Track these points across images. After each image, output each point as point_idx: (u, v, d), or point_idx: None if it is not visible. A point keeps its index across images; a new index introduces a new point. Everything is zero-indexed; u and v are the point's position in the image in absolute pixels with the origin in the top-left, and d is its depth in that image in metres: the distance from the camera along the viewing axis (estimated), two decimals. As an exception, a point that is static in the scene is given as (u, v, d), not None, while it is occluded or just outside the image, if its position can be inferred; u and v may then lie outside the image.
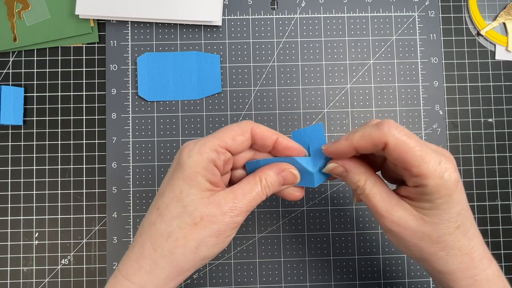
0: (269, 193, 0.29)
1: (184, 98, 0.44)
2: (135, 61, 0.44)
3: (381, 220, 0.28)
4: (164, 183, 0.29)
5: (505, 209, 0.44)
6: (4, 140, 0.43)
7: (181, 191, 0.27)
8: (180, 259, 0.27)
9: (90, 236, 0.43)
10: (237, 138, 0.28)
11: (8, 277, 0.42)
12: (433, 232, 0.27)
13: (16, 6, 0.44)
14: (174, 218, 0.27)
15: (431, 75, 0.45)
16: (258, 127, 0.29)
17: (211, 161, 0.28)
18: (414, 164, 0.25)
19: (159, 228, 0.27)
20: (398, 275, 0.43)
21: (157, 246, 0.27)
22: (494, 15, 0.46)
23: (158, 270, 0.27)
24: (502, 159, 0.44)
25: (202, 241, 0.27)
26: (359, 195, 0.29)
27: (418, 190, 0.26)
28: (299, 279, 0.43)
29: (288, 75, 0.44)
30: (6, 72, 0.44)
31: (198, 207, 0.27)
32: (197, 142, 0.28)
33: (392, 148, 0.25)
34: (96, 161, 0.43)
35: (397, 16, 0.45)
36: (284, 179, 0.30)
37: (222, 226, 0.27)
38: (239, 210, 0.28)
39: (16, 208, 0.43)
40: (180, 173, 0.27)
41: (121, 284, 0.27)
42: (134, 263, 0.28)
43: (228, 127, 0.29)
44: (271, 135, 0.30)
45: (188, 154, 0.28)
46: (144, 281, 0.27)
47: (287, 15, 0.45)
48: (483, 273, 0.27)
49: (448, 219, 0.26)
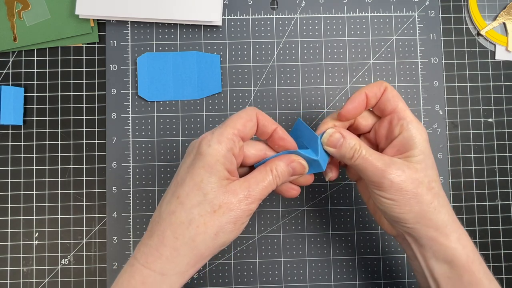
0: (279, 182, 0.31)
1: (184, 98, 0.44)
2: (135, 61, 0.44)
3: (383, 174, 0.29)
4: (182, 172, 0.30)
5: (505, 209, 0.44)
6: (4, 140, 0.43)
7: (201, 180, 0.28)
8: (200, 246, 0.28)
9: (90, 236, 0.43)
10: (247, 124, 0.30)
11: (8, 277, 0.42)
12: (425, 178, 0.30)
13: (16, 6, 0.44)
14: (194, 206, 0.28)
15: (431, 75, 0.45)
16: (261, 114, 0.31)
17: (230, 150, 0.29)
18: (403, 108, 0.31)
19: (179, 216, 0.28)
20: (398, 275, 0.43)
21: (178, 234, 0.28)
22: (494, 15, 0.46)
23: (180, 257, 0.28)
24: (502, 159, 0.44)
25: (220, 228, 0.28)
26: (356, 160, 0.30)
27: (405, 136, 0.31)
28: (299, 279, 0.43)
29: (288, 75, 0.44)
30: (6, 72, 0.44)
31: (217, 195, 0.28)
32: (213, 132, 0.29)
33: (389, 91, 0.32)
34: (96, 161, 0.43)
35: (397, 16, 0.45)
36: (293, 169, 0.31)
37: (239, 212, 0.28)
38: (253, 198, 0.29)
39: (16, 208, 0.43)
40: (201, 162, 0.28)
41: (140, 272, 0.28)
42: (154, 251, 0.28)
43: (237, 115, 0.30)
44: (272, 124, 0.32)
45: (207, 144, 0.29)
46: (165, 269, 0.28)
47: (287, 15, 0.45)
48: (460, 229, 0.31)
49: (431, 166, 0.31)
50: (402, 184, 0.29)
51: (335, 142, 0.31)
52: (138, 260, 0.28)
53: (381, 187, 0.30)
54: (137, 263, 0.28)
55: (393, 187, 0.29)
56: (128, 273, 0.29)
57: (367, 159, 0.30)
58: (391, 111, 0.32)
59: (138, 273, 0.28)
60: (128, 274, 0.29)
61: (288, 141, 0.32)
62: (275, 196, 0.43)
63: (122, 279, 0.29)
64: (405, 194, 0.29)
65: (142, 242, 0.29)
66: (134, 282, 0.28)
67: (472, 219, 0.44)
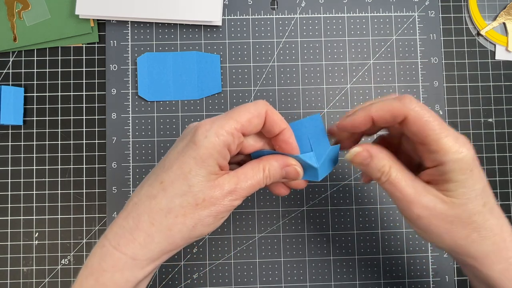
0: (269, 183, 0.29)
1: (184, 98, 0.44)
2: (135, 61, 0.44)
3: (410, 206, 0.27)
4: (172, 157, 0.28)
5: (505, 209, 0.44)
6: (4, 140, 0.43)
7: (190, 170, 0.27)
8: (176, 236, 0.27)
9: (90, 236, 0.43)
10: (254, 121, 0.28)
11: (8, 277, 0.42)
12: (463, 213, 0.26)
13: (16, 6, 0.44)
14: (177, 195, 0.27)
15: (431, 75, 0.45)
16: (272, 110, 0.28)
17: (226, 145, 0.27)
18: (434, 138, 0.25)
19: (160, 202, 0.27)
20: (398, 275, 0.43)
21: (155, 220, 0.27)
22: (494, 15, 0.46)
23: (153, 244, 0.27)
24: (502, 159, 0.44)
25: (199, 221, 0.27)
26: (383, 183, 0.28)
27: (439, 170, 0.26)
28: (299, 279, 0.43)
29: (288, 75, 0.44)
30: (6, 72, 0.44)
31: (203, 189, 0.27)
32: (214, 122, 0.27)
33: (411, 121, 0.25)
34: (96, 161, 0.43)
35: (397, 16, 0.45)
36: (287, 174, 0.29)
37: (221, 208, 0.27)
38: (239, 194, 0.28)
39: (16, 208, 0.43)
40: (193, 152, 0.27)
41: (111, 254, 0.27)
42: (128, 234, 0.27)
43: (245, 107, 0.28)
44: (281, 123, 0.29)
45: (204, 134, 0.27)
46: (137, 254, 0.27)
47: (287, 15, 0.45)
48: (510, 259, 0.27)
49: (475, 197, 0.26)
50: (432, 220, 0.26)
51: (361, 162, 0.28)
52: (110, 242, 0.27)
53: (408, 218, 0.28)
54: (108, 244, 0.27)
55: (421, 222, 0.27)
56: (98, 255, 0.27)
57: (395, 185, 0.27)
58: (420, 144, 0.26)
59: (109, 255, 0.27)
60: (98, 257, 0.27)
61: (292, 147, 0.29)
62: (275, 196, 0.43)
63: (92, 262, 0.28)
64: (435, 228, 0.27)
65: (115, 222, 0.28)
66: (104, 265, 0.27)
67: (472, 219, 0.44)
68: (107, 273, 0.27)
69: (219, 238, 0.43)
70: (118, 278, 0.27)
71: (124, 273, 0.27)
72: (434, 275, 0.43)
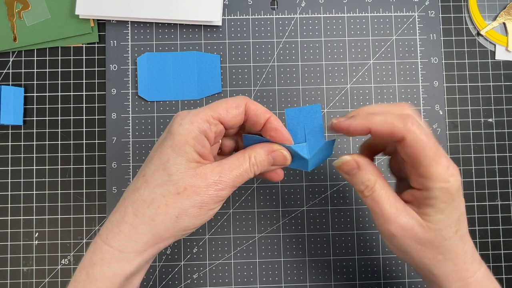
0: (257, 171, 0.29)
1: (184, 98, 0.44)
2: (135, 61, 0.44)
3: (386, 225, 0.27)
4: (153, 150, 0.29)
5: (505, 209, 0.44)
6: (4, 140, 0.43)
7: (168, 159, 0.27)
8: (159, 227, 0.27)
9: (90, 236, 0.43)
10: (231, 111, 0.28)
11: (8, 277, 0.42)
12: (436, 238, 0.27)
13: (16, 6, 0.44)
14: (158, 185, 0.27)
15: (431, 75, 0.45)
16: (253, 103, 0.29)
17: (202, 132, 0.27)
18: (425, 164, 0.26)
19: (143, 194, 0.28)
20: (398, 275, 0.43)
21: (138, 212, 0.27)
22: (494, 15, 0.46)
23: (138, 235, 0.27)
24: (502, 159, 0.44)
25: (183, 211, 0.27)
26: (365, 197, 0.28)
27: (424, 194, 0.27)
28: (299, 279, 0.43)
29: (288, 75, 0.44)
30: (6, 72, 0.44)
31: (183, 177, 0.27)
32: (189, 112, 0.28)
33: (409, 144, 0.26)
34: (96, 161, 0.43)
35: (397, 16, 0.45)
36: (274, 160, 0.29)
37: (206, 198, 0.27)
38: (224, 184, 0.28)
39: (16, 208, 0.43)
40: (169, 141, 0.28)
41: (100, 248, 0.28)
42: (115, 227, 0.28)
43: (223, 100, 0.29)
44: (264, 113, 0.29)
45: (179, 123, 0.28)
46: (123, 246, 0.27)
47: (287, 15, 0.45)
48: (474, 275, 0.28)
49: (449, 225, 0.27)
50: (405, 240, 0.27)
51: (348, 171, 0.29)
52: (100, 236, 0.28)
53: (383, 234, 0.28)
54: (99, 239, 0.28)
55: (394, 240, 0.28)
56: (91, 250, 0.28)
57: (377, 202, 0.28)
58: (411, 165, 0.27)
59: (99, 249, 0.28)
60: (91, 251, 0.28)
61: (282, 132, 0.29)
62: (275, 196, 0.43)
63: (85, 256, 0.28)
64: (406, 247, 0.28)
65: (107, 218, 0.29)
66: (94, 259, 0.28)
67: (472, 219, 0.44)
68: (96, 266, 0.27)
69: (219, 238, 0.43)
70: (106, 270, 0.27)
71: (111, 266, 0.27)
72: (434, 275, 0.43)
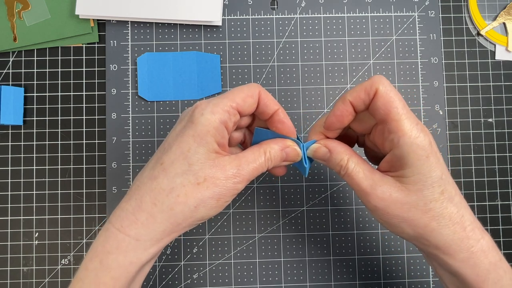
0: (271, 166, 0.30)
1: (184, 98, 0.44)
2: (135, 61, 0.44)
3: (366, 198, 0.28)
4: (170, 138, 0.29)
5: (505, 209, 0.44)
6: (4, 140, 0.43)
7: (189, 149, 0.27)
8: (178, 216, 0.27)
9: (90, 236, 0.43)
10: (247, 100, 0.29)
11: (8, 277, 0.42)
12: (419, 201, 0.27)
13: (16, 6, 0.44)
14: (178, 174, 0.27)
15: (431, 75, 0.45)
16: (265, 92, 0.30)
17: (223, 122, 0.28)
18: (394, 118, 0.26)
19: (161, 183, 0.27)
20: (398, 275, 0.43)
21: (157, 200, 0.27)
22: (494, 15, 0.46)
23: (155, 224, 0.27)
24: (502, 159, 0.44)
25: (202, 202, 0.27)
26: (343, 176, 0.29)
27: (395, 154, 0.27)
28: (299, 279, 0.43)
29: (288, 75, 0.44)
30: (6, 72, 0.44)
31: (203, 167, 0.27)
32: (209, 102, 0.28)
33: (379, 94, 0.26)
34: (96, 161, 0.43)
35: (397, 16, 0.45)
36: (287, 155, 0.30)
37: (224, 190, 0.27)
38: (242, 177, 0.28)
39: (16, 208, 0.43)
40: (191, 130, 0.27)
41: (114, 236, 0.27)
42: (131, 215, 0.27)
43: (238, 88, 0.29)
44: (274, 105, 0.30)
45: (201, 113, 0.28)
46: (140, 234, 0.27)
47: (287, 15, 0.45)
48: (478, 244, 0.27)
49: (431, 184, 0.26)
50: (387, 209, 0.27)
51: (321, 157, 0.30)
52: (113, 225, 0.27)
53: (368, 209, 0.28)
54: (112, 227, 0.27)
55: (378, 212, 0.28)
56: (103, 238, 0.27)
57: (353, 177, 0.28)
58: (382, 121, 0.27)
59: (113, 237, 0.27)
60: (103, 239, 0.27)
61: (288, 125, 0.30)
62: (275, 196, 0.43)
63: (96, 244, 0.28)
64: (393, 218, 0.27)
65: (118, 207, 0.28)
66: (108, 247, 0.27)
67: (472, 219, 0.44)
68: (111, 254, 0.27)
69: (219, 238, 0.43)
70: (122, 259, 0.27)
71: (128, 255, 0.27)
72: (434, 275, 0.43)
